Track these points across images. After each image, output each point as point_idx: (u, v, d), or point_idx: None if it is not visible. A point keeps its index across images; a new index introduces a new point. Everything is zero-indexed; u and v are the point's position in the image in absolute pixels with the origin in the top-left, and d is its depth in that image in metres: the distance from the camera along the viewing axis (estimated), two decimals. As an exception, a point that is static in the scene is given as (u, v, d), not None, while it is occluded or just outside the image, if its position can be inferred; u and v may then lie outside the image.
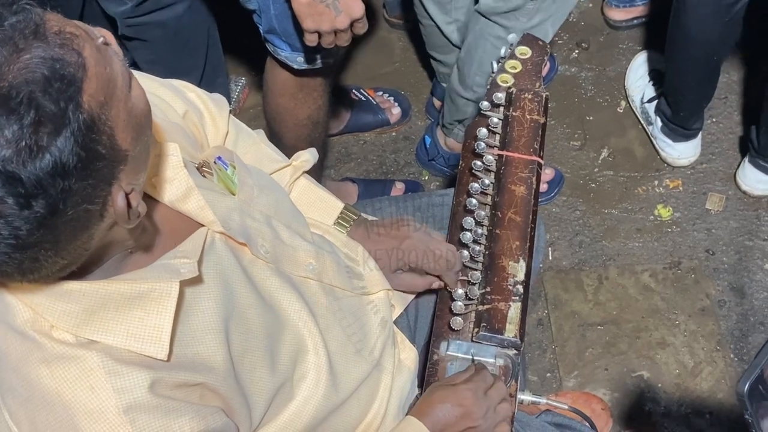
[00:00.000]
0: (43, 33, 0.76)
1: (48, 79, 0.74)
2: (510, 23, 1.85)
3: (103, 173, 0.80)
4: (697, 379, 2.01)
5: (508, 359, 1.22)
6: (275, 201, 1.18)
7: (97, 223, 0.83)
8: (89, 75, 0.77)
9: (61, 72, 0.75)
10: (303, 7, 1.38)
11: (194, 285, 0.97)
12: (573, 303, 2.12)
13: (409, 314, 1.38)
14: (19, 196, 0.73)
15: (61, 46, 0.76)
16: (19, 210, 0.74)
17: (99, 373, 0.87)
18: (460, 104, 2.09)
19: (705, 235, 2.22)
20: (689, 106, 2.19)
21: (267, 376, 1.04)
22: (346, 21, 1.40)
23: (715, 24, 1.95)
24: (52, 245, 0.79)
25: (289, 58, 1.64)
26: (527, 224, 1.29)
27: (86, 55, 0.78)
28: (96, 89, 0.78)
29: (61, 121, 0.75)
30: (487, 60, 1.94)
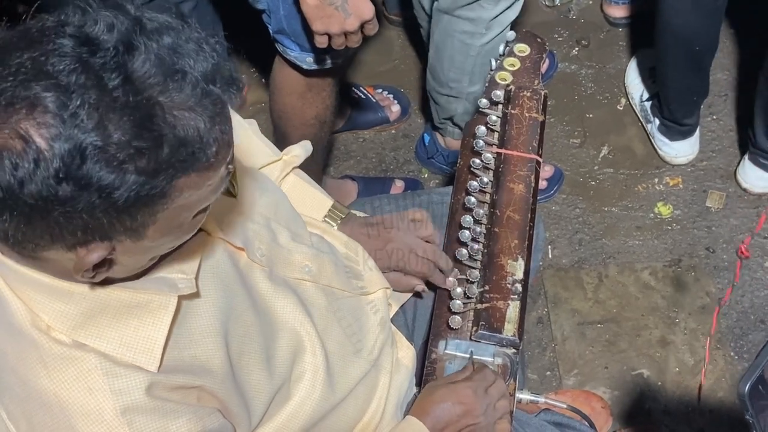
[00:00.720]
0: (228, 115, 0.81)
1: (185, 141, 0.76)
2: (474, 14, 1.85)
3: (108, 226, 0.78)
4: (697, 377, 2.00)
5: (506, 358, 1.21)
6: (275, 203, 1.17)
7: (61, 250, 0.80)
8: (199, 177, 0.80)
9: (196, 147, 0.77)
10: (312, 10, 1.37)
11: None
12: (573, 301, 2.12)
13: (407, 313, 1.37)
14: (61, 171, 0.72)
15: (223, 144, 0.80)
16: (34, 168, 0.72)
17: (97, 375, 0.87)
18: (442, 102, 2.09)
19: (705, 233, 2.21)
20: (679, 100, 2.18)
21: (265, 378, 1.04)
22: (355, 23, 1.40)
23: (694, 14, 1.95)
24: (24, 223, 0.77)
25: (299, 58, 1.63)
26: (526, 222, 1.29)
27: (216, 168, 0.81)
28: (189, 188, 0.80)
29: (155, 172, 0.75)
30: (457, 56, 1.94)
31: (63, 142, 0.72)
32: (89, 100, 0.72)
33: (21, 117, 0.72)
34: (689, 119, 2.23)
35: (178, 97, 0.76)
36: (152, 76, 0.75)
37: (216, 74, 0.79)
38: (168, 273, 0.94)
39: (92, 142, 0.72)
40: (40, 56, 0.73)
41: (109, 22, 0.75)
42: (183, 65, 0.77)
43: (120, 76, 0.73)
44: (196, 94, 0.77)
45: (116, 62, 0.73)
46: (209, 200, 0.86)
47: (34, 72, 0.72)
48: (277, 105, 1.85)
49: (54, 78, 0.72)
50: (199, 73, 0.77)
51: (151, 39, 0.76)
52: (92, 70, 0.73)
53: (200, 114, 0.77)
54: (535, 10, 2.59)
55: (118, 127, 0.73)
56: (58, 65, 0.72)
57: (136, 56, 0.75)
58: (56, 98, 0.72)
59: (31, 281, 0.86)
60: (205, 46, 0.79)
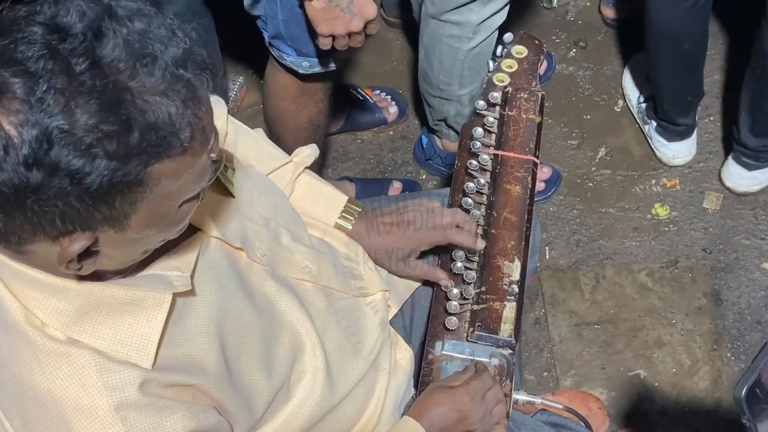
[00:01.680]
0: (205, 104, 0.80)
1: (155, 126, 0.75)
2: (462, 18, 1.85)
3: (86, 215, 0.78)
4: (694, 378, 2.01)
5: (503, 359, 1.22)
6: (274, 203, 1.18)
7: (45, 242, 0.80)
8: (176, 163, 0.79)
9: (168, 131, 0.76)
10: (318, 12, 1.38)
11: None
12: (570, 302, 2.12)
13: (404, 314, 1.38)
14: (30, 157, 0.72)
15: (197, 129, 0.79)
16: (4, 155, 0.72)
17: (90, 371, 0.87)
18: (435, 104, 2.10)
19: (702, 234, 2.22)
20: (672, 99, 2.19)
21: (264, 379, 1.04)
22: (360, 23, 1.41)
23: (677, 11, 1.96)
24: (3, 213, 0.77)
25: (295, 63, 1.64)
26: (523, 224, 1.29)
27: (194, 154, 0.80)
28: (167, 176, 0.79)
29: (125, 157, 0.75)
30: (446, 60, 1.95)
31: (30, 128, 0.72)
32: (55, 85, 0.72)
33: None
34: (685, 119, 2.24)
35: (148, 81, 0.75)
36: (121, 61, 0.75)
37: (188, 59, 0.78)
38: (163, 270, 0.94)
39: (58, 126, 0.72)
40: (9, 44, 0.73)
41: (80, 10, 0.75)
42: (154, 50, 0.76)
43: (87, 61, 0.73)
44: (166, 78, 0.76)
45: (84, 47, 0.73)
46: (193, 190, 0.85)
47: (2, 59, 0.72)
48: (270, 109, 1.85)
49: (22, 65, 0.72)
50: (170, 58, 0.77)
51: (120, 24, 0.76)
52: (60, 56, 0.73)
53: (172, 99, 0.76)
54: (532, 12, 2.59)
55: (84, 111, 0.72)
56: (27, 52, 0.72)
57: (104, 42, 0.75)
58: (23, 84, 0.72)
59: (25, 278, 0.86)
60: (178, 32, 0.79)
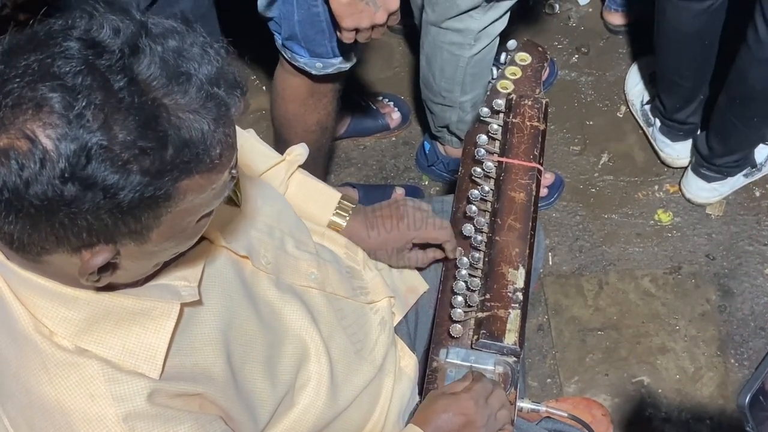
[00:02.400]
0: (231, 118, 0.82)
1: (190, 143, 0.77)
2: (463, 25, 1.86)
3: (113, 228, 0.79)
4: (697, 385, 2.00)
5: (507, 366, 1.22)
6: (278, 211, 1.18)
7: (65, 253, 0.81)
8: (203, 179, 0.80)
9: (200, 148, 0.77)
10: (343, 7, 1.39)
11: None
12: (573, 308, 2.12)
13: (408, 321, 1.38)
14: (67, 171, 0.73)
15: (226, 146, 0.81)
16: (39, 169, 0.73)
17: (99, 381, 0.87)
18: (437, 111, 2.10)
19: (705, 240, 2.22)
20: (678, 93, 2.18)
21: (268, 387, 1.04)
22: (384, 16, 1.42)
23: (692, 12, 1.96)
24: (29, 225, 0.77)
25: (308, 64, 1.65)
26: (527, 231, 1.29)
27: (220, 171, 0.82)
28: (193, 191, 0.80)
29: (159, 173, 0.76)
30: (447, 67, 1.95)
31: (69, 143, 0.72)
32: (95, 101, 0.72)
33: (27, 117, 0.72)
34: (691, 116, 2.23)
35: (182, 99, 0.76)
36: (157, 78, 0.76)
37: (220, 78, 0.79)
38: (171, 280, 0.95)
39: (97, 142, 0.72)
40: (46, 58, 0.73)
41: (115, 26, 0.76)
42: (188, 68, 0.77)
43: (125, 78, 0.74)
44: (200, 96, 0.77)
45: (122, 64, 0.74)
46: (212, 205, 0.86)
47: (40, 73, 0.73)
48: (279, 112, 1.85)
49: (60, 79, 0.73)
50: (204, 76, 0.78)
51: (156, 42, 0.77)
52: (98, 71, 0.73)
53: (204, 116, 0.77)
54: (534, 18, 2.59)
55: (123, 127, 0.73)
56: (65, 67, 0.73)
57: (142, 59, 0.75)
58: (62, 99, 0.72)
59: (35, 286, 0.87)
60: (210, 50, 0.80)
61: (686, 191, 2.26)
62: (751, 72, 1.92)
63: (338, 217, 1.30)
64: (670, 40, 2.06)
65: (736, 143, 2.11)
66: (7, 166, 0.73)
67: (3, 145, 0.73)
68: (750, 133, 2.08)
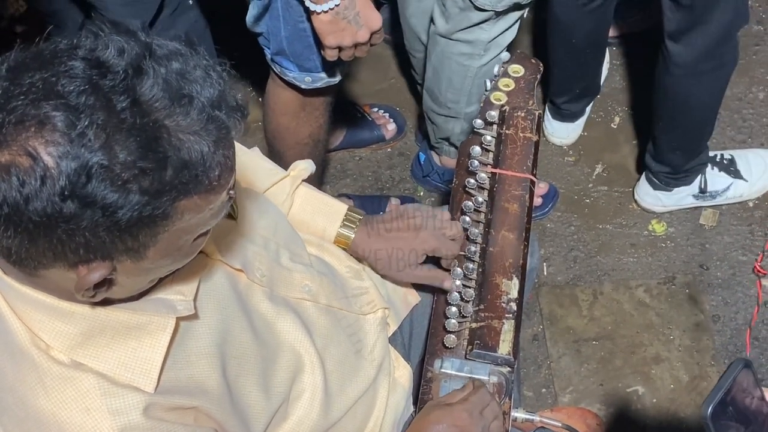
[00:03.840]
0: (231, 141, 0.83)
1: (189, 164, 0.77)
2: (473, 36, 1.87)
3: (110, 245, 0.79)
4: (692, 394, 2.01)
5: (501, 377, 1.22)
6: (274, 224, 1.19)
7: (62, 268, 0.81)
8: (201, 199, 0.81)
9: (199, 169, 0.78)
10: (325, 25, 1.40)
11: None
12: (568, 318, 2.13)
13: (403, 332, 1.38)
14: (67, 189, 0.73)
15: (225, 168, 0.82)
16: (40, 186, 0.73)
17: (94, 395, 0.87)
18: (439, 122, 2.11)
19: (699, 250, 2.23)
20: (559, 85, 2.28)
21: (263, 400, 1.04)
22: (366, 34, 1.43)
23: (572, 6, 2.03)
24: (28, 240, 0.78)
25: (297, 78, 1.66)
26: (520, 242, 1.30)
27: (218, 192, 0.83)
28: (191, 210, 0.81)
29: (158, 193, 0.77)
30: (455, 78, 1.96)
31: (70, 161, 0.73)
32: (97, 120, 0.73)
33: (30, 135, 0.73)
34: (568, 106, 2.33)
35: (184, 120, 0.77)
36: (159, 99, 0.77)
37: (222, 100, 0.81)
38: (167, 294, 0.95)
39: (98, 161, 0.73)
40: (51, 77, 0.74)
41: (119, 47, 0.77)
42: (190, 90, 0.78)
43: (128, 99, 0.75)
44: (201, 118, 0.78)
45: (125, 85, 0.75)
46: (209, 225, 0.87)
47: (44, 92, 0.74)
48: (271, 125, 1.86)
49: (64, 98, 0.73)
50: (206, 98, 0.79)
51: (160, 64, 0.78)
52: (101, 91, 0.74)
53: (204, 138, 0.78)
54: (528, 30, 2.61)
55: (124, 147, 0.74)
56: (69, 86, 0.74)
57: (145, 80, 0.76)
58: (65, 117, 0.73)
59: (32, 301, 0.87)
60: (212, 73, 0.81)
61: (635, 192, 2.31)
62: (662, 85, 2.00)
63: (346, 229, 1.29)
64: (553, 31, 2.15)
65: (665, 154, 2.14)
66: (8, 182, 0.73)
67: (5, 161, 0.73)
68: (674, 143, 2.12)
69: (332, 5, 1.35)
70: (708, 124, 2.10)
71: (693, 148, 2.13)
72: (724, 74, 1.98)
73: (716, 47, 1.87)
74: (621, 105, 2.51)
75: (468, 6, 1.78)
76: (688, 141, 2.11)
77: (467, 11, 1.80)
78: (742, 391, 0.86)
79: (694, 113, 2.02)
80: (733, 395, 0.85)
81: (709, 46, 1.86)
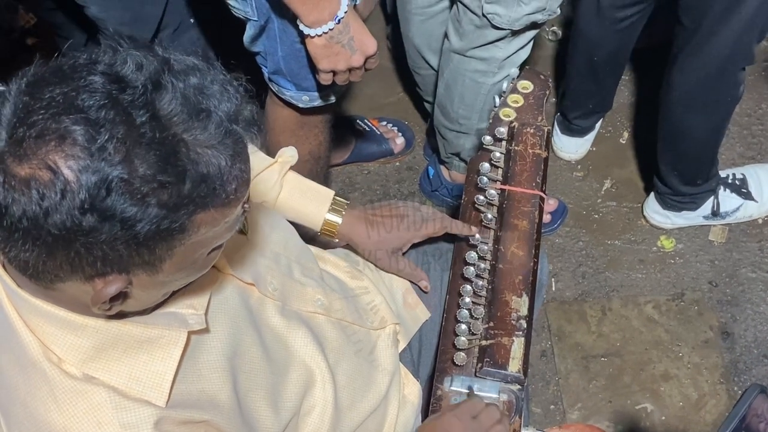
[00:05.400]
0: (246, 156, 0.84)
1: (207, 178, 0.78)
2: (488, 54, 1.87)
3: (127, 259, 0.80)
4: (701, 412, 2.00)
5: (512, 394, 1.22)
6: (285, 238, 1.19)
7: (78, 281, 0.82)
8: (218, 213, 0.81)
9: (217, 183, 0.79)
10: (319, 49, 1.40)
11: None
12: (576, 334, 2.12)
13: (412, 348, 1.38)
14: (86, 202, 0.74)
15: (242, 182, 0.83)
16: (60, 199, 0.74)
17: (106, 409, 0.87)
18: (450, 137, 2.11)
19: (708, 267, 2.22)
20: (572, 98, 2.29)
21: (273, 415, 1.04)
22: (360, 59, 1.43)
23: (596, 24, 2.04)
24: (46, 253, 0.78)
25: (294, 97, 1.66)
26: (530, 259, 1.30)
27: (234, 205, 0.83)
28: (207, 224, 0.81)
29: (176, 206, 0.77)
30: (467, 94, 1.96)
31: (90, 175, 0.73)
32: (117, 134, 0.74)
33: (50, 149, 0.74)
34: (579, 121, 2.32)
35: (201, 135, 0.78)
36: (178, 114, 0.77)
37: (239, 115, 0.81)
38: (178, 308, 0.95)
39: (118, 175, 0.74)
40: (71, 91, 0.75)
41: (138, 62, 0.77)
42: (208, 105, 0.79)
43: (147, 113, 0.75)
44: (219, 132, 0.79)
45: (144, 100, 0.76)
46: (224, 238, 0.88)
47: (65, 106, 0.74)
48: (270, 143, 1.87)
49: (84, 112, 0.74)
50: (223, 113, 0.80)
51: (178, 79, 0.78)
52: (121, 106, 0.75)
53: (222, 152, 0.79)
54: (537, 44, 2.61)
55: (143, 161, 0.74)
56: (89, 101, 0.74)
57: (164, 95, 0.77)
58: (85, 131, 0.73)
59: (45, 314, 0.87)
60: (229, 88, 0.82)
61: (644, 209, 2.30)
62: (661, 106, 2.00)
63: (334, 214, 1.32)
64: (573, 41, 2.16)
65: (667, 176, 2.14)
66: (27, 195, 0.74)
67: (25, 175, 0.74)
68: (671, 166, 2.12)
69: (326, 29, 1.36)
70: (704, 157, 2.09)
71: (691, 176, 2.12)
72: (719, 110, 1.97)
73: (711, 80, 1.86)
74: (630, 120, 2.51)
75: (484, 24, 1.78)
76: (685, 167, 2.11)
77: (483, 29, 1.80)
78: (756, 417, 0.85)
79: (688, 142, 2.02)
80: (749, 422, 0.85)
81: (704, 77, 1.85)
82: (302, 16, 1.35)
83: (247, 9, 1.48)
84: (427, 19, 2.02)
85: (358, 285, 1.29)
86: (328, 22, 1.34)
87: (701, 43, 1.79)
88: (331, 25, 1.35)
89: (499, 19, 1.76)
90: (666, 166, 2.11)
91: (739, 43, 1.79)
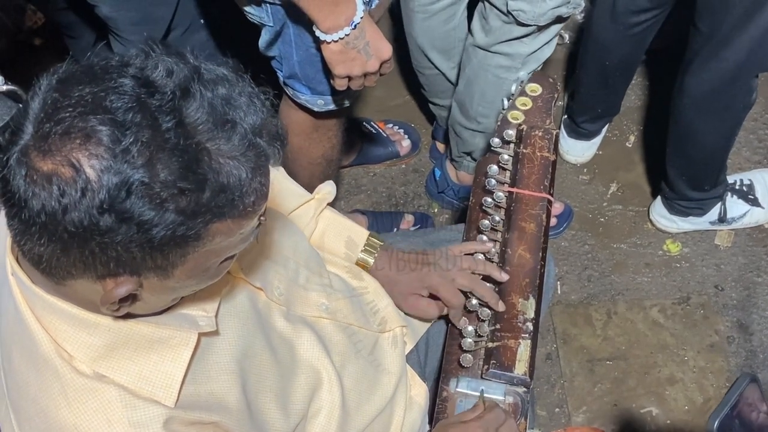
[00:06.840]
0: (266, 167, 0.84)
1: (226, 188, 0.79)
2: (512, 49, 1.87)
3: (140, 262, 0.80)
4: (706, 416, 1.99)
5: (517, 397, 1.22)
6: (294, 243, 1.20)
7: (89, 280, 0.82)
8: (234, 224, 0.82)
9: (236, 194, 0.79)
10: (335, 55, 1.40)
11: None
12: (582, 338, 2.12)
13: (419, 350, 1.38)
14: (105, 202, 0.74)
15: (261, 195, 0.83)
16: (80, 197, 0.74)
17: (116, 407, 0.88)
18: (465, 136, 2.11)
19: (714, 271, 2.22)
20: (581, 102, 2.29)
21: (281, 417, 1.05)
22: (376, 64, 1.43)
23: (609, 30, 2.04)
24: (60, 249, 0.79)
25: (309, 101, 1.67)
26: (537, 261, 1.30)
27: (251, 217, 0.84)
28: (222, 233, 0.82)
29: (193, 214, 0.78)
30: (489, 90, 1.96)
31: (112, 175, 0.74)
32: (142, 138, 0.74)
33: (75, 146, 0.74)
34: (587, 125, 2.32)
35: (225, 145, 0.78)
36: (203, 122, 0.78)
37: (264, 128, 0.82)
38: (189, 310, 0.96)
39: (140, 179, 0.74)
40: (100, 92, 0.76)
41: (169, 68, 0.78)
42: (234, 116, 0.79)
43: (174, 119, 0.76)
44: (242, 144, 0.79)
45: (172, 106, 0.76)
46: (238, 248, 0.88)
47: (93, 106, 0.75)
48: None
49: (111, 113, 0.75)
50: (248, 125, 0.80)
51: (206, 88, 0.79)
52: (148, 110, 0.75)
53: (244, 164, 0.80)
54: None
55: (165, 166, 0.75)
56: (117, 102, 0.75)
57: (191, 102, 0.78)
58: (111, 132, 0.74)
59: (59, 311, 0.88)
60: (256, 101, 0.82)
61: (650, 213, 2.30)
62: (672, 110, 2.00)
63: (367, 255, 1.32)
64: (585, 46, 2.15)
65: (674, 180, 2.14)
66: (48, 191, 0.74)
67: (47, 170, 0.74)
68: (680, 171, 2.12)
69: (342, 35, 1.36)
70: (713, 163, 2.09)
71: (700, 181, 2.12)
72: (730, 117, 1.96)
73: (725, 86, 1.85)
74: (636, 124, 2.51)
75: (511, 20, 1.79)
76: (694, 172, 2.11)
77: (510, 25, 1.81)
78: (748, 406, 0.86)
79: (698, 147, 2.02)
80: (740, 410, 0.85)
81: (717, 83, 1.85)
82: (318, 22, 1.35)
83: (262, 15, 1.49)
84: (429, 17, 2.02)
85: (359, 285, 1.30)
86: (344, 27, 1.35)
87: (717, 49, 1.79)
88: (348, 30, 1.35)
89: (525, 15, 1.76)
90: (674, 171, 2.11)
91: (756, 50, 1.78)
